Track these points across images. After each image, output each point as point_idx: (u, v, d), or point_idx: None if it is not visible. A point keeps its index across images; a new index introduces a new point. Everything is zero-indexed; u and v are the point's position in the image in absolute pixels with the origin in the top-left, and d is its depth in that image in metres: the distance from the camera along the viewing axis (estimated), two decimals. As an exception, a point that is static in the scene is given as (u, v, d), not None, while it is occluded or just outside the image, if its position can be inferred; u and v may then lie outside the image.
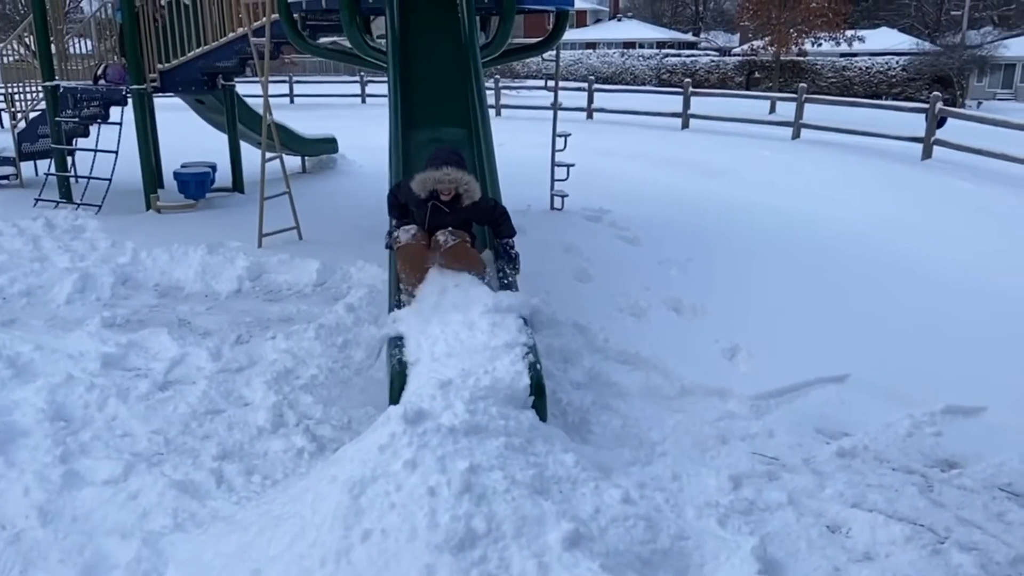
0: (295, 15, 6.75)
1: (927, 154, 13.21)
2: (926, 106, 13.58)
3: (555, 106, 9.15)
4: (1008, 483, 3.65)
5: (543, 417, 3.50)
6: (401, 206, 4.65)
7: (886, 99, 28.17)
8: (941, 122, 13.53)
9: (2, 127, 14.02)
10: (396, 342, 3.85)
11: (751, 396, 4.47)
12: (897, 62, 30.87)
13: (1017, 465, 3.77)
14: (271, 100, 7.43)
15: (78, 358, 4.56)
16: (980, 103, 29.50)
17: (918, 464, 3.82)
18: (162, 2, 8.26)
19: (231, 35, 8.02)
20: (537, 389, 3.51)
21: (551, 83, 9.16)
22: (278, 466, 3.59)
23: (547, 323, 5.26)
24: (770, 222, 8.49)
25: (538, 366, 3.63)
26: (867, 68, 31.38)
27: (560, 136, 8.86)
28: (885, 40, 36.03)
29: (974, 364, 4.89)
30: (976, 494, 3.56)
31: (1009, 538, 3.24)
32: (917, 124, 13.81)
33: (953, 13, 39.27)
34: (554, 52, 8.48)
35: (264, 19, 7.17)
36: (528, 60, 22.43)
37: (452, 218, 4.46)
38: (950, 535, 3.25)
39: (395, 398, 3.39)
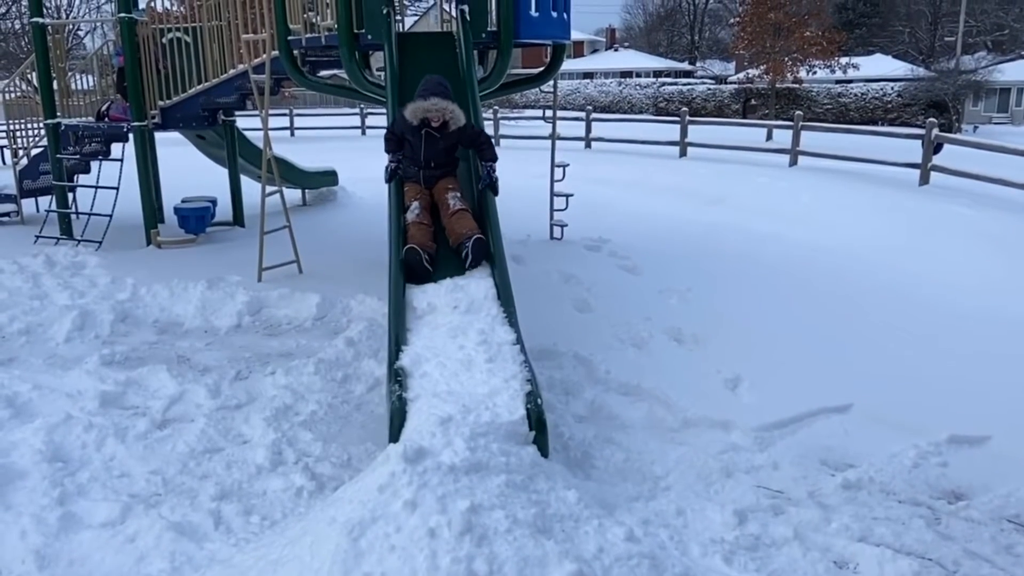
0: (295, 51, 6.82)
1: (924, 180, 13.27)
2: (922, 132, 13.66)
3: (553, 136, 9.21)
4: (1016, 514, 3.60)
5: (545, 453, 3.46)
6: (398, 140, 5.13)
7: (882, 125, 28.41)
8: (938, 148, 13.61)
9: (3, 164, 14.11)
10: (396, 377, 3.83)
11: (755, 427, 4.44)
12: (892, 88, 31.16)
13: (1025, 496, 3.72)
14: (271, 133, 7.48)
15: (76, 397, 4.54)
16: (976, 127, 29.72)
17: (924, 496, 3.78)
18: (163, 40, 8.34)
19: (232, 71, 8.10)
20: (538, 424, 3.47)
21: (549, 113, 9.23)
22: (277, 506, 3.55)
23: (548, 354, 5.26)
24: (769, 249, 8.50)
25: (539, 400, 3.60)
26: (863, 94, 31.67)
27: (559, 166, 8.91)
28: (880, 66, 36.41)
29: (978, 391, 4.86)
30: (984, 526, 3.51)
31: (1018, 571, 3.19)
32: (914, 150, 13.89)
33: (947, 39, 39.73)
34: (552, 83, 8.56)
35: (264, 55, 7.24)
36: (526, 91, 22.60)
37: (443, 143, 5.02)
38: (959, 569, 3.20)
39: (395, 436, 3.36)
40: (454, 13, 6.48)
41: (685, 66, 51.11)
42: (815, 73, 29.57)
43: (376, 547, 2.63)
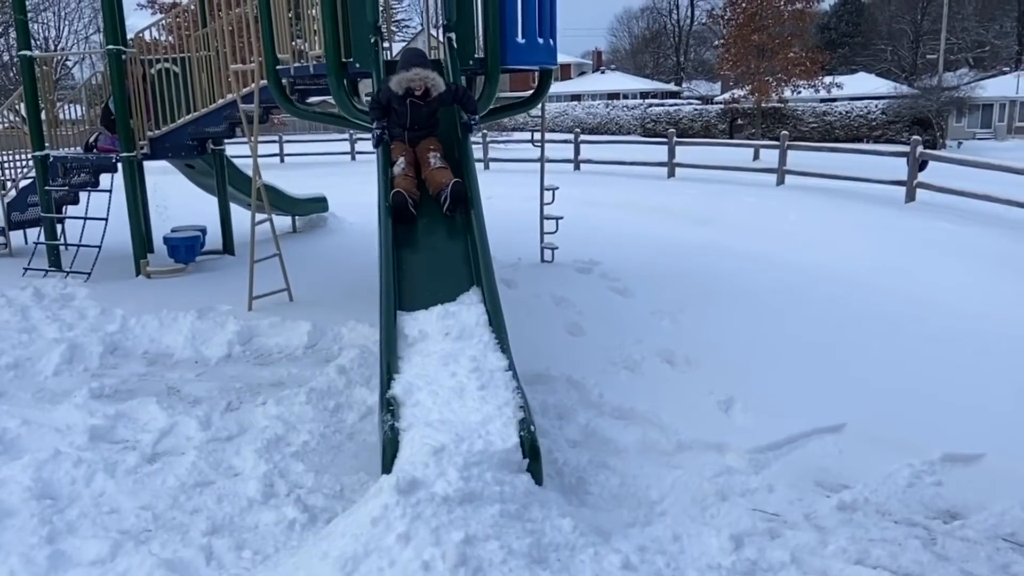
0: (283, 80, 6.84)
1: (910, 197, 13.39)
2: (907, 150, 13.81)
3: (542, 160, 9.25)
4: (1011, 533, 3.60)
5: (539, 480, 3.44)
6: (384, 107, 5.54)
7: (867, 142, 28.70)
8: (923, 165, 13.75)
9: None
10: (388, 406, 3.81)
11: (749, 449, 4.42)
12: (876, 106, 31.52)
13: (1019, 514, 3.72)
14: (261, 161, 7.49)
15: (65, 432, 4.49)
16: (960, 143, 30.06)
17: (920, 516, 3.77)
18: (152, 71, 8.37)
19: (220, 101, 8.12)
20: (532, 451, 3.46)
21: (538, 136, 9.28)
22: (269, 540, 3.50)
23: (540, 378, 5.24)
24: (758, 269, 8.54)
25: (532, 427, 3.59)
26: (847, 112, 32.02)
27: (548, 189, 8.95)
28: (864, 85, 36.85)
29: (970, 409, 4.86)
30: (980, 546, 3.51)
31: (1017, 592, 3.18)
32: (899, 167, 14.02)
33: (929, 56, 40.30)
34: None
35: (253, 85, 7.27)
36: (518, 114, 22.64)
37: (426, 110, 5.49)
38: (957, 590, 3.19)
39: (387, 466, 3.33)
40: (442, 40, 6.54)
41: (671, 87, 51.59)
42: (799, 93, 29.89)
43: (370, 582, 2.61)
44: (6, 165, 10.37)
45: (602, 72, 54.41)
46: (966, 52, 43.69)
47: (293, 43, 6.86)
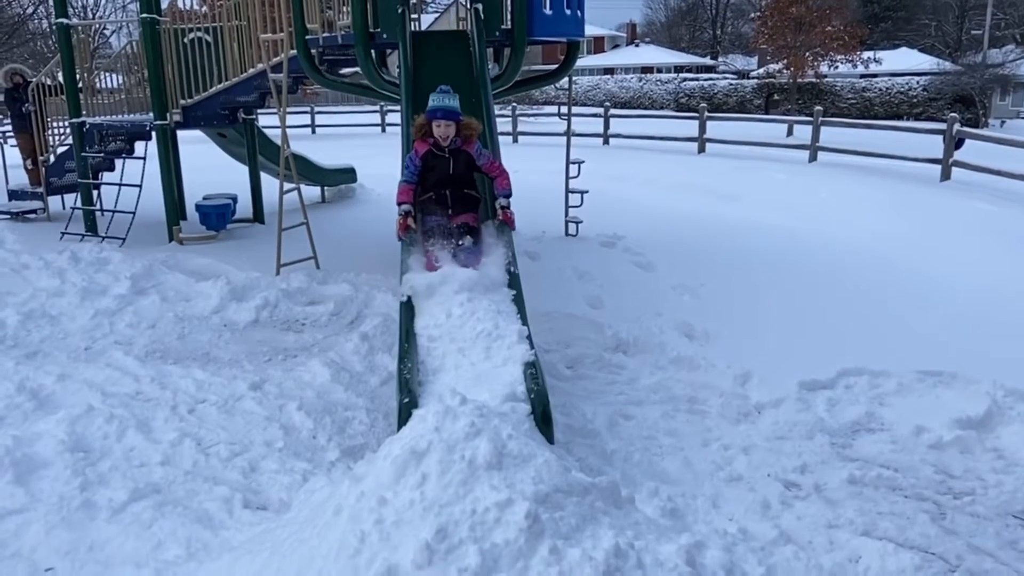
0: (312, 50, 6.91)
1: (946, 175, 13.13)
2: (943, 127, 13.51)
3: (568, 133, 9.25)
4: (1022, 510, 3.61)
5: (551, 441, 3.54)
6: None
7: (907, 119, 28.07)
8: (959, 143, 13.45)
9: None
10: (405, 372, 3.91)
11: (764, 423, 4.47)
12: (918, 82, 30.74)
13: (1032, 492, 3.72)
14: (291, 131, 7.58)
15: (98, 389, 4.66)
16: (1004, 122, 29.26)
17: (930, 491, 3.79)
18: (185, 40, 8.48)
19: (251, 71, 8.21)
20: (544, 416, 3.56)
21: (565, 110, 9.28)
22: (290, 495, 3.64)
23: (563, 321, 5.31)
24: (784, 246, 8.49)
25: (545, 394, 3.67)
26: (887, 89, 31.26)
27: (574, 163, 8.95)
28: (905, 61, 35.89)
29: (988, 388, 4.83)
30: (989, 521, 3.52)
31: (1022, 566, 3.20)
32: (936, 145, 13.74)
33: (974, 32, 39.15)
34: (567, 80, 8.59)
35: (282, 55, 7.34)
36: (544, 87, 22.47)
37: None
38: (961, 563, 3.21)
39: (403, 419, 3.44)
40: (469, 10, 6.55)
41: (707, 61, 50.76)
42: (836, 68, 29.23)
43: (378, 542, 2.70)
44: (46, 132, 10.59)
45: (636, 45, 53.68)
46: (1013, 28, 42.31)
47: (323, 13, 6.93)
